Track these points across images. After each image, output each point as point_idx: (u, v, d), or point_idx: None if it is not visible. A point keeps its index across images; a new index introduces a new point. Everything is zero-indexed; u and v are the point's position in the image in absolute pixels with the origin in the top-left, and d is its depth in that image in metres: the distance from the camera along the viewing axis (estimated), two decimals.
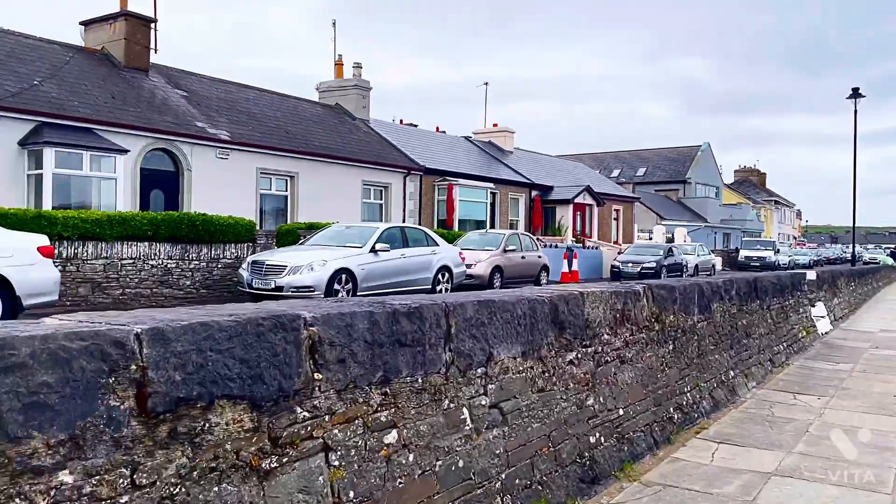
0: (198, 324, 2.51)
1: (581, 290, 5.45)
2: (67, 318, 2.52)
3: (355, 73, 26.16)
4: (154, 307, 12.47)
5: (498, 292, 4.71)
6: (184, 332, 2.45)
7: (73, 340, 2.13)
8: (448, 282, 15.47)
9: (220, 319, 2.61)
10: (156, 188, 17.45)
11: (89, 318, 2.53)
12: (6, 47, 16.34)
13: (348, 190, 22.02)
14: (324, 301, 3.48)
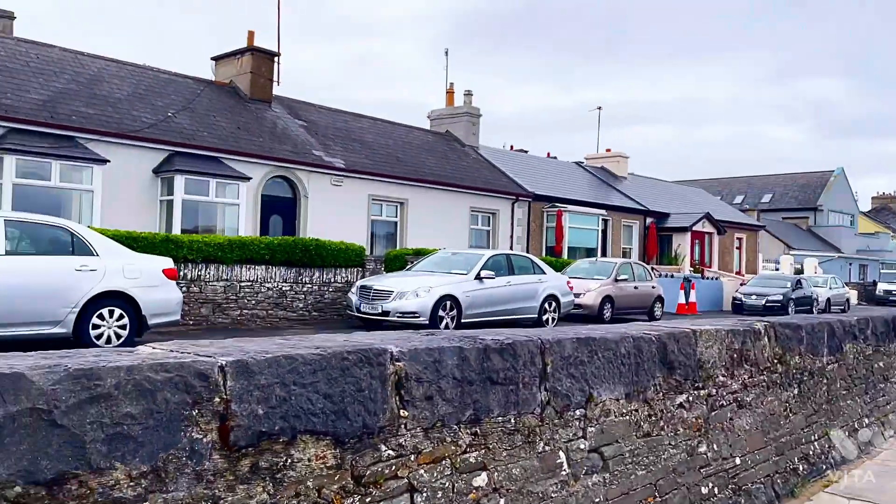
0: (282, 357, 2.49)
1: (693, 327, 5.11)
2: (160, 347, 2.56)
3: (466, 100, 26.46)
4: (269, 328, 12.95)
5: (599, 328, 4.48)
6: (268, 364, 2.43)
7: (157, 372, 2.14)
8: (555, 311, 15.16)
9: (305, 352, 2.58)
10: (275, 213, 18.23)
11: (180, 347, 2.56)
12: (145, 82, 17.67)
13: (456, 216, 22.16)
14: (413, 335, 3.40)
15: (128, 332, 8.94)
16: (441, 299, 12.91)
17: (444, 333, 3.57)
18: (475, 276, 13.74)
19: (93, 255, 8.74)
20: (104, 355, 2.27)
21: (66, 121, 14.57)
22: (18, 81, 14.93)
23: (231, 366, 2.32)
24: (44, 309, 8.23)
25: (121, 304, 8.86)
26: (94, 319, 8.62)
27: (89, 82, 16.34)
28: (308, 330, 12.91)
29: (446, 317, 13.01)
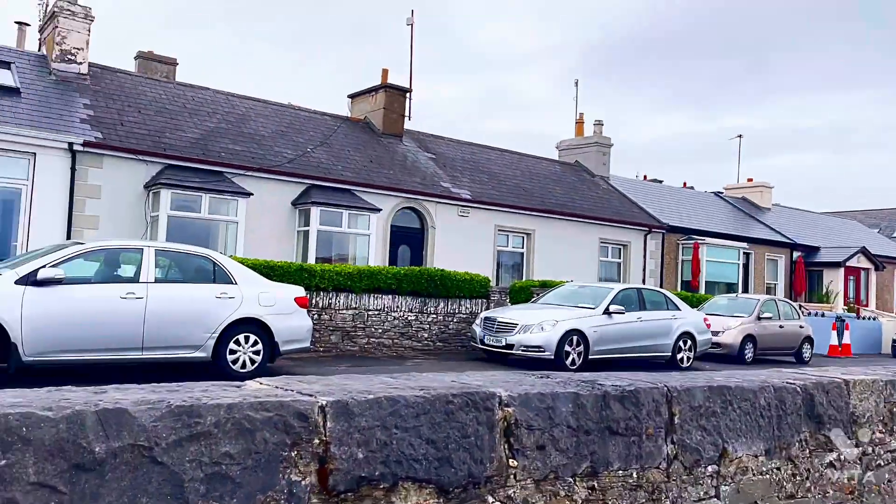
0: (384, 398, 2.40)
1: (845, 377, 4.57)
2: (267, 383, 2.55)
3: (596, 130, 26.00)
4: (394, 357, 13.12)
5: (735, 376, 4.09)
6: (369, 406, 2.35)
7: (257, 411, 2.11)
8: (690, 350, 14.34)
9: (408, 394, 2.48)
10: (403, 244, 18.61)
11: (286, 384, 2.53)
12: (287, 120, 18.71)
13: (585, 248, 21.67)
14: (525, 377, 3.22)
15: (261, 357, 9.31)
16: (567, 334, 12.57)
17: (559, 377, 3.37)
18: (604, 310, 13.28)
19: (231, 283, 9.21)
20: (210, 390, 2.27)
21: (216, 157, 15.65)
22: (176, 122, 16.24)
23: (331, 406, 2.26)
24: (187, 334, 8.73)
25: (255, 330, 9.25)
26: (231, 345, 9.05)
27: (238, 121, 17.51)
28: (431, 360, 12.96)
29: (572, 352, 12.63)
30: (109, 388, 2.23)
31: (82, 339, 7.93)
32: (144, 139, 15.00)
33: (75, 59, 15.91)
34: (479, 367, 12.31)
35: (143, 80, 17.60)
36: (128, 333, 8.25)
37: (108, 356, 8.21)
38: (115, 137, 14.57)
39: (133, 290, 8.34)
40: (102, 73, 16.62)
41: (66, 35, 15.80)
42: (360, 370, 11.03)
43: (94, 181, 14.22)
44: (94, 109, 15.12)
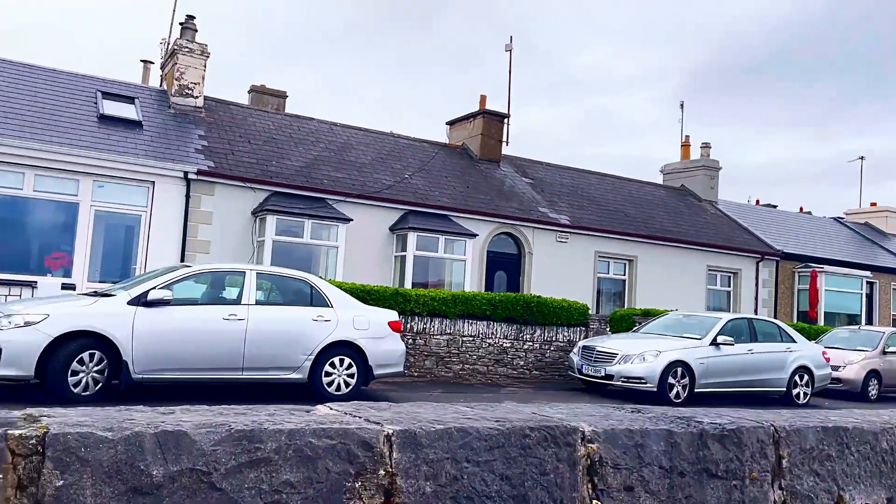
0: (454, 429, 2.27)
1: None
2: (337, 408, 2.48)
3: (703, 152, 25.04)
4: (489, 385, 12.93)
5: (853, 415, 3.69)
6: (438, 437, 2.23)
7: (319, 438, 2.03)
8: (807, 385, 13.38)
9: (481, 426, 2.34)
10: (500, 269, 18.45)
11: (356, 409, 2.46)
12: (387, 147, 19.09)
13: (691, 275, 20.77)
14: (614, 412, 3.00)
15: (356, 380, 9.37)
16: (671, 365, 12.00)
17: (652, 412, 3.12)
18: (711, 341, 12.61)
19: (327, 306, 9.37)
20: (277, 414, 2.22)
21: (319, 184, 16.12)
22: (282, 151, 16.89)
23: (398, 436, 2.16)
24: (285, 355, 8.92)
25: (350, 353, 9.34)
26: (326, 367, 9.17)
27: (340, 149, 18.02)
28: (527, 389, 12.68)
29: (677, 385, 12.04)
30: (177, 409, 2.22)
31: (187, 359, 8.24)
32: (253, 167, 15.67)
33: (192, 93, 16.89)
34: (576, 397, 11.93)
35: (254, 111, 18.45)
36: (229, 354, 8.51)
37: (211, 375, 8.49)
38: (226, 166, 15.29)
39: (235, 312, 8.62)
40: (216, 106, 17.55)
41: (184, 71, 16.82)
42: (453, 397, 10.91)
43: (207, 208, 14.94)
44: (208, 140, 15.96)
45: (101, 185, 13.98)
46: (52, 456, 1.68)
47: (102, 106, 15.38)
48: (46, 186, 13.53)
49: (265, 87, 21.23)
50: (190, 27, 17.21)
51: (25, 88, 14.91)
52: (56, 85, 15.52)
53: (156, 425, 1.84)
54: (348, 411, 2.39)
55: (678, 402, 11.92)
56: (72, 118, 14.60)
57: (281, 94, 21.46)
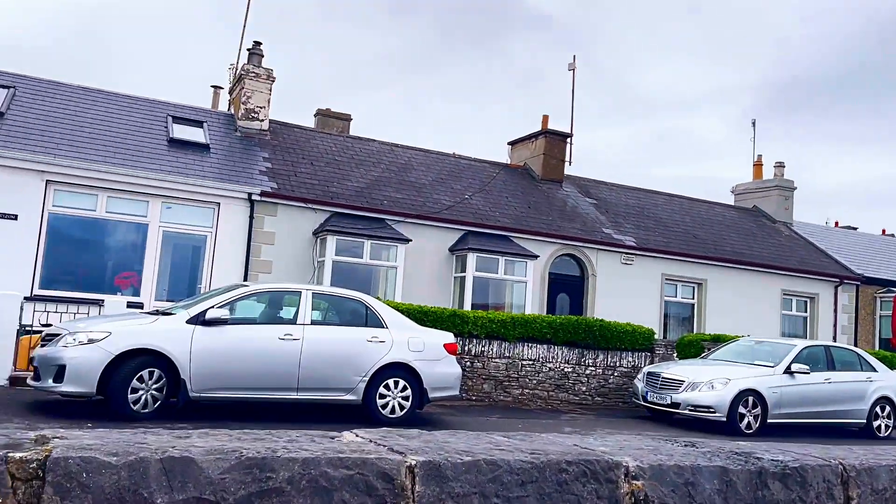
0: (483, 461, 2.12)
1: None
2: (364, 436, 2.36)
3: (776, 172, 24.13)
4: (549, 411, 12.61)
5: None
6: (465, 469, 2.08)
7: (336, 468, 1.91)
8: (890, 417, 12.59)
9: (513, 458, 2.17)
10: (562, 292, 18.12)
11: (383, 437, 2.33)
12: (447, 168, 19.10)
13: (764, 300, 19.93)
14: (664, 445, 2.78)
15: (410, 403, 9.25)
16: (742, 394, 11.45)
17: (707, 446, 2.89)
18: (784, 369, 12.00)
19: (382, 327, 9.31)
20: (298, 440, 2.12)
21: (379, 205, 16.23)
22: (344, 172, 17.10)
23: (421, 467, 2.02)
24: (339, 376, 8.88)
25: (405, 375, 9.24)
26: (381, 389, 9.08)
27: (400, 170, 18.12)
28: (588, 416, 12.30)
29: (748, 415, 11.47)
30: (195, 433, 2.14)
31: (242, 378, 8.30)
32: (314, 188, 15.90)
33: (258, 116, 17.33)
34: (640, 426, 11.50)
35: (317, 134, 18.78)
36: (284, 374, 8.53)
37: (266, 395, 8.52)
38: (288, 187, 15.57)
39: (290, 332, 8.65)
40: (281, 129, 17.95)
41: (251, 95, 17.28)
42: (510, 422, 10.67)
43: (269, 228, 15.21)
44: (272, 162, 16.30)
45: (168, 206, 14.42)
46: (52, 481, 1.62)
47: (172, 130, 15.93)
48: (118, 208, 14.04)
49: (330, 111, 21.64)
50: (257, 53, 17.70)
51: (101, 114, 15.58)
52: (130, 110, 16.17)
53: (164, 451, 1.75)
54: (374, 439, 2.27)
55: (749, 433, 11.35)
56: (143, 142, 15.15)
57: (345, 118, 21.82)
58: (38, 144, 13.64)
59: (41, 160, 13.30)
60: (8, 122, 14.00)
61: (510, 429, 9.95)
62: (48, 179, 13.41)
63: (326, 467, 1.88)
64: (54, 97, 15.46)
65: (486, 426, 9.92)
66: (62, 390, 7.63)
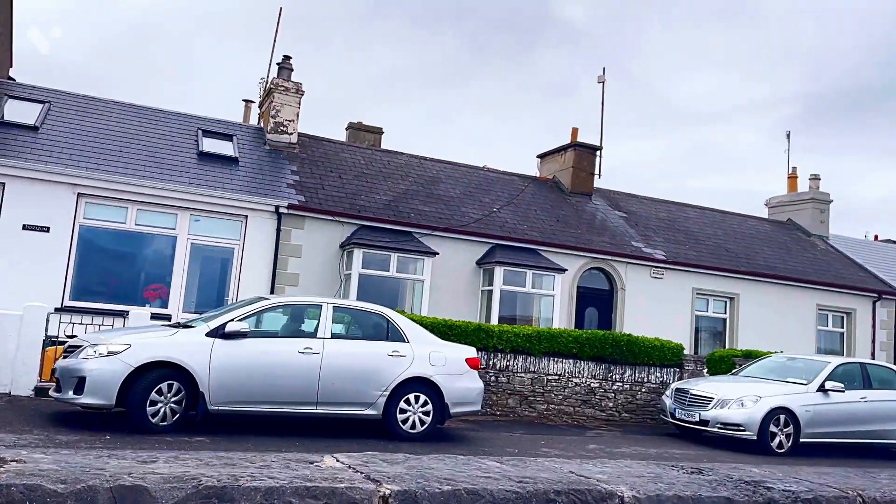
0: (464, 491, 2.01)
1: None
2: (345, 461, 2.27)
3: (812, 185, 23.57)
4: (575, 426, 12.38)
5: None
6: (443, 499, 1.97)
7: (302, 498, 1.82)
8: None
9: (496, 488, 2.06)
10: (590, 306, 17.87)
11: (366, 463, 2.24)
12: (475, 181, 19.02)
13: (799, 315, 19.41)
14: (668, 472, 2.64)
15: (431, 418, 9.13)
16: (773, 412, 11.12)
17: (714, 475, 2.73)
18: (818, 387, 11.63)
19: (403, 341, 9.22)
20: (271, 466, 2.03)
21: (406, 218, 16.20)
22: (371, 185, 17.12)
23: (396, 497, 1.92)
24: (359, 391, 8.80)
25: (426, 390, 9.12)
26: (401, 404, 8.98)
27: (428, 183, 18.09)
28: (614, 432, 12.04)
29: (779, 434, 11.13)
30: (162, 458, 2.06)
31: (261, 391, 8.27)
32: (342, 201, 15.93)
33: (287, 129, 17.46)
34: (667, 443, 11.22)
35: (345, 147, 18.86)
36: (303, 388, 8.48)
37: (285, 409, 8.48)
38: (315, 200, 15.62)
39: (310, 346, 8.61)
40: (310, 142, 18.06)
41: (280, 108, 17.43)
42: (535, 438, 10.49)
43: (296, 241, 15.27)
44: (300, 175, 16.40)
45: (197, 218, 14.57)
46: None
47: (202, 143, 16.13)
48: (147, 220, 14.23)
49: (362, 124, 21.72)
50: (286, 67, 17.87)
51: (133, 128, 15.84)
52: (161, 124, 16.42)
53: (116, 478, 1.68)
54: (355, 465, 2.17)
55: (781, 453, 11.02)
56: (173, 155, 15.36)
57: (377, 131, 21.88)
58: (70, 158, 13.91)
59: (73, 173, 13.55)
60: (42, 136, 14.31)
61: (533, 445, 9.78)
62: (79, 192, 13.66)
63: (291, 497, 1.79)
64: (87, 112, 15.77)
65: (509, 442, 9.76)
66: (82, 402, 7.68)
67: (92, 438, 7.20)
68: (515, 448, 9.29)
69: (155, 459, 1.99)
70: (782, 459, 10.17)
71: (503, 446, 9.37)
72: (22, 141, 13.95)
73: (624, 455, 9.63)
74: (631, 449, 10.22)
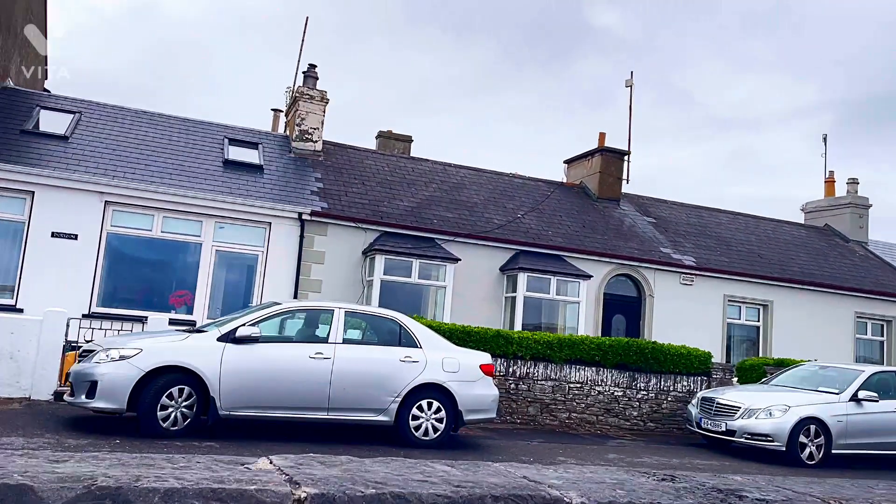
0: (389, 495, 1.90)
1: None
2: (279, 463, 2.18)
3: (850, 189, 22.87)
4: (598, 436, 12.12)
5: None
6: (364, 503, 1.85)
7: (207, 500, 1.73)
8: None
9: (426, 492, 1.94)
10: (618, 313, 17.56)
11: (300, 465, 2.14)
12: (500, 187, 18.88)
13: (836, 323, 18.81)
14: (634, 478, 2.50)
15: (444, 426, 9.01)
16: (802, 422, 10.74)
17: (686, 482, 2.57)
18: (851, 396, 11.21)
19: (416, 346, 9.12)
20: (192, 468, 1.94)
21: (428, 224, 16.13)
22: (395, 192, 17.11)
23: (312, 501, 1.81)
24: (371, 397, 8.73)
25: (439, 397, 9.01)
26: (413, 410, 8.88)
27: (452, 189, 18.01)
28: (638, 442, 11.75)
29: (809, 445, 10.74)
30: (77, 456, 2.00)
31: (272, 396, 8.24)
32: (364, 208, 15.94)
33: (311, 137, 17.57)
34: (692, 454, 10.91)
35: (370, 154, 18.89)
36: (314, 393, 8.43)
37: (296, 415, 8.44)
38: (338, 207, 15.65)
39: (322, 351, 8.56)
40: (334, 150, 18.14)
41: (305, 117, 17.55)
42: (553, 447, 10.28)
43: (319, 248, 15.31)
44: (324, 182, 16.46)
45: (221, 225, 14.71)
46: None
47: (228, 151, 16.30)
48: (173, 228, 14.41)
49: (392, 133, 21.76)
50: (311, 75, 17.99)
51: (161, 137, 16.10)
52: (188, 133, 16.65)
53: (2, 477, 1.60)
54: (286, 467, 2.07)
55: (812, 465, 10.64)
56: (199, 164, 15.55)
57: (406, 139, 21.88)
58: (98, 167, 14.17)
59: (101, 182, 13.79)
60: (71, 145, 14.62)
61: (549, 454, 9.57)
62: (107, 200, 13.89)
63: (194, 499, 1.70)
64: (116, 121, 16.08)
65: (525, 451, 9.57)
66: (94, 406, 7.74)
67: (101, 442, 7.25)
68: (531, 457, 9.10)
69: (67, 459, 1.92)
70: (813, 472, 9.78)
71: (517, 455, 9.19)
72: (52, 150, 14.27)
73: (644, 465, 9.36)
74: (652, 459, 9.94)
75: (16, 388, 9.64)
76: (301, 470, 2.09)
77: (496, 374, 11.87)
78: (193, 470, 1.93)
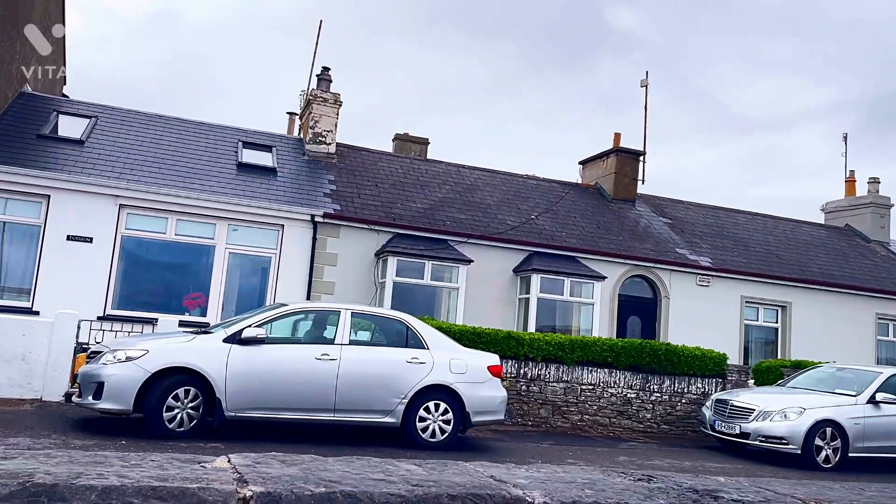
0: (339, 494, 1.86)
1: None
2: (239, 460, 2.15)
3: (871, 189, 22.47)
4: (611, 438, 12.00)
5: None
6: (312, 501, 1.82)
7: (146, 499, 1.70)
8: None
9: (377, 492, 1.90)
10: (633, 314, 17.39)
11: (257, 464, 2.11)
12: (514, 188, 18.80)
13: (857, 324, 18.47)
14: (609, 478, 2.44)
15: (452, 427, 8.96)
16: (818, 425, 10.55)
17: (661, 483, 2.50)
18: (868, 399, 10.99)
19: (423, 347, 9.09)
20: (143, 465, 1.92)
21: (441, 225, 16.10)
22: (408, 193, 17.10)
23: (258, 499, 1.78)
24: (377, 398, 8.70)
25: (446, 398, 8.96)
26: (421, 412, 8.84)
27: (465, 191, 17.96)
28: (651, 444, 11.61)
29: (826, 448, 10.54)
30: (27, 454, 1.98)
31: (278, 398, 8.25)
32: (377, 210, 15.95)
33: (325, 140, 17.62)
34: (706, 456, 10.75)
35: (383, 156, 18.90)
36: (321, 394, 8.42)
37: (302, 416, 8.43)
38: (351, 209, 15.67)
39: (328, 352, 8.55)
40: (348, 152, 18.18)
41: (319, 119, 17.61)
42: (563, 449, 10.18)
43: (332, 249, 15.34)
44: (337, 184, 16.49)
45: (235, 228, 14.78)
46: None
47: (242, 154, 16.40)
48: (186, 230, 14.51)
49: (408, 135, 21.78)
50: (325, 78, 18.06)
51: (176, 141, 16.23)
52: (203, 137, 16.78)
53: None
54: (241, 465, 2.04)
55: (828, 468, 10.44)
56: (213, 167, 15.66)
57: (423, 141, 21.89)
58: (112, 170, 14.32)
59: (115, 185, 13.93)
60: (87, 149, 14.78)
61: (559, 457, 9.48)
62: (121, 203, 14.02)
63: (133, 497, 1.68)
64: (131, 125, 16.24)
65: (534, 454, 9.49)
66: (100, 407, 7.79)
67: (107, 443, 7.29)
68: (539, 459, 9.02)
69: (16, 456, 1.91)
70: (829, 475, 9.60)
71: (526, 457, 9.11)
72: (68, 154, 14.44)
73: (655, 468, 9.24)
74: (664, 462, 9.81)
75: (27, 389, 9.75)
76: (256, 469, 2.06)
77: (507, 376, 11.81)
78: (142, 468, 1.91)
